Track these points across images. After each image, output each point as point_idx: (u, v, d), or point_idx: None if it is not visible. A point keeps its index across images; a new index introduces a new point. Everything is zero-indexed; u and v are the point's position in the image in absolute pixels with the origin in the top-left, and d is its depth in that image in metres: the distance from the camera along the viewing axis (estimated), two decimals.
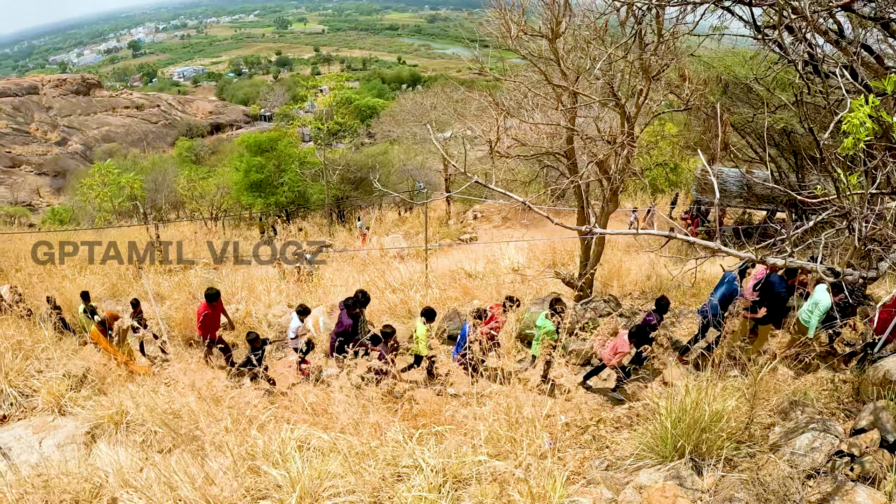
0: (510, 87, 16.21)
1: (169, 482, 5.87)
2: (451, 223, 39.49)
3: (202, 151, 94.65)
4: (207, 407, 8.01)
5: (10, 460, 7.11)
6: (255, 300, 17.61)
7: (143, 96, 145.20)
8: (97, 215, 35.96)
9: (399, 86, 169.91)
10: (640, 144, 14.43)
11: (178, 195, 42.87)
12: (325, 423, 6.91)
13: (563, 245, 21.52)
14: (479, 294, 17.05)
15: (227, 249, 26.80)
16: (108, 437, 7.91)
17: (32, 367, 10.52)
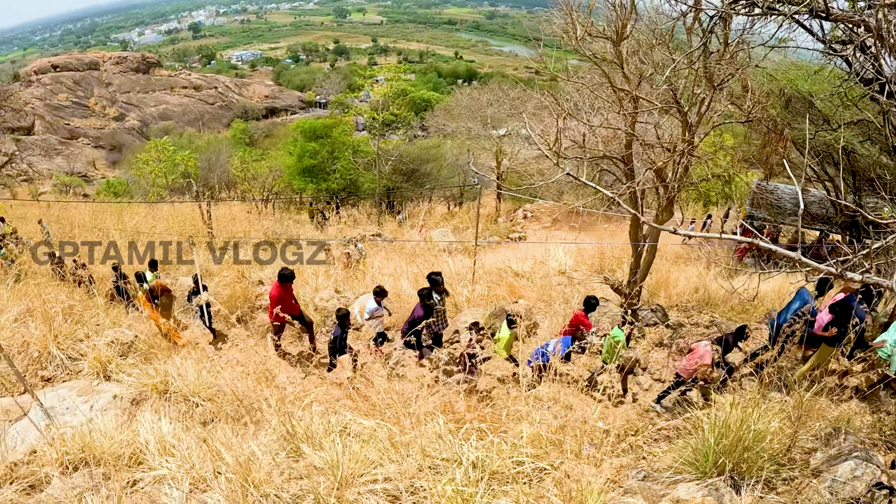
0: (568, 87, 16.23)
1: (210, 454, 5.98)
2: (501, 221, 39.53)
3: (256, 134, 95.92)
4: (253, 384, 8.29)
5: (53, 420, 7.30)
6: (303, 283, 17.83)
7: (201, 77, 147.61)
8: (151, 190, 36.73)
9: (455, 81, 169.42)
10: (699, 154, 14.34)
11: (231, 175, 43.51)
12: (366, 409, 6.95)
13: (611, 250, 21.50)
14: (525, 293, 17.14)
15: (278, 231, 27.16)
16: (150, 405, 8.00)
17: (81, 332, 10.66)
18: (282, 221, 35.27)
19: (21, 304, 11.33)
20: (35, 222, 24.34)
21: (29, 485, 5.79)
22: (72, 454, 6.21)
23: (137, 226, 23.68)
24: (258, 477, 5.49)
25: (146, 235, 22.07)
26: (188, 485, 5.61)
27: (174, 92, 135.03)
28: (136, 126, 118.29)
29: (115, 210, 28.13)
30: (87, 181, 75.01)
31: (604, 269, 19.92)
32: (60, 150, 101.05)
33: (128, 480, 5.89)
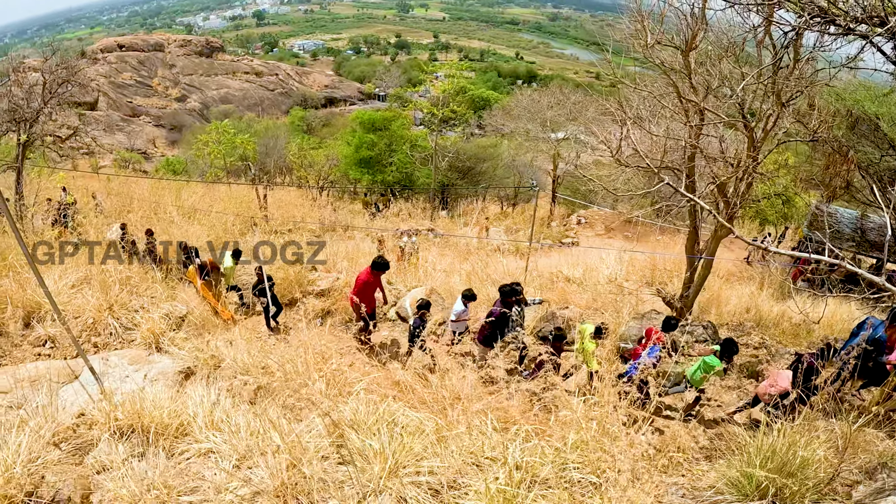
0: (628, 94, 16.05)
1: (257, 432, 6.06)
2: (554, 225, 39.34)
3: (314, 122, 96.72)
4: (303, 366, 8.37)
5: (102, 385, 7.39)
6: (355, 272, 17.98)
7: (263, 64, 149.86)
8: (209, 171, 37.34)
9: (514, 81, 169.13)
10: (762, 171, 14.10)
11: (288, 161, 43.98)
12: (416, 402, 7.00)
13: (663, 263, 21.29)
14: (575, 299, 17.08)
15: (334, 219, 27.40)
16: (199, 379, 8.07)
17: (136, 303, 10.86)
18: (337, 210, 35.60)
19: (79, 271, 11.61)
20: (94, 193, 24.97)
21: (76, 447, 5.90)
22: (120, 420, 6.23)
23: (195, 204, 24.11)
24: (303, 459, 5.54)
25: (203, 214, 22.46)
26: (234, 460, 5.70)
27: (236, 77, 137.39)
28: (197, 108, 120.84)
29: (173, 187, 28.69)
30: (146, 158, 76.76)
31: (655, 281, 19.74)
32: (122, 127, 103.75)
33: (174, 451, 6.00)
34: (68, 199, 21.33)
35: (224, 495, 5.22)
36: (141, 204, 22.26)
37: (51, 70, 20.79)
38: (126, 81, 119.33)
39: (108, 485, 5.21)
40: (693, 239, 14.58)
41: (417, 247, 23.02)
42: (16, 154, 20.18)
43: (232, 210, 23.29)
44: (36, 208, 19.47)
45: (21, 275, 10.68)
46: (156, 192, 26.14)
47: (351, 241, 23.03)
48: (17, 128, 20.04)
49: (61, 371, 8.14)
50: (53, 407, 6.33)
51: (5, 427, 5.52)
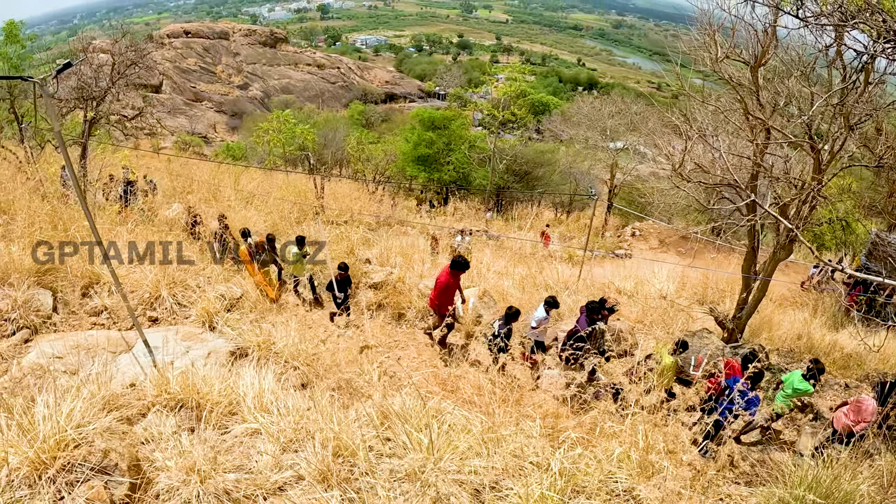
0: (693, 107, 15.76)
1: (305, 415, 6.12)
2: (608, 235, 39.06)
3: (373, 117, 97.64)
4: (355, 357, 8.45)
5: (155, 358, 7.55)
6: (409, 267, 18.06)
7: (325, 57, 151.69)
8: (267, 158, 37.87)
9: (575, 87, 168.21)
10: (824, 195, 13.81)
11: (346, 154, 44.39)
12: (463, 400, 7.01)
13: (716, 282, 21.01)
14: (625, 312, 16.97)
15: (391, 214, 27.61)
16: (250, 361, 8.10)
17: (193, 282, 11.01)
18: (396, 205, 35.92)
19: (140, 247, 11.86)
20: (155, 173, 25.51)
21: (126, 416, 6.01)
22: (171, 394, 6.34)
23: (253, 190, 24.51)
24: (349, 447, 5.60)
25: (260, 200, 22.81)
26: (281, 443, 5.78)
27: (298, 68, 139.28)
28: (259, 96, 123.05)
29: (232, 172, 29.16)
30: (206, 142, 78.27)
31: (706, 300, 19.50)
32: (184, 111, 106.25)
33: (222, 428, 6.10)
34: (130, 176, 21.81)
35: (269, 475, 5.30)
36: (200, 186, 22.66)
37: (120, 52, 21.29)
38: (190, 67, 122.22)
39: (157, 455, 5.31)
40: (750, 259, 14.36)
41: (470, 247, 23.05)
42: (82, 130, 20.70)
43: (289, 198, 23.59)
44: (98, 184, 19.96)
45: (82, 246, 10.94)
46: (215, 175, 26.56)
47: (405, 237, 23.12)
48: (84, 105, 20.57)
49: (115, 341, 8.33)
50: (106, 375, 6.45)
51: (60, 391, 5.67)
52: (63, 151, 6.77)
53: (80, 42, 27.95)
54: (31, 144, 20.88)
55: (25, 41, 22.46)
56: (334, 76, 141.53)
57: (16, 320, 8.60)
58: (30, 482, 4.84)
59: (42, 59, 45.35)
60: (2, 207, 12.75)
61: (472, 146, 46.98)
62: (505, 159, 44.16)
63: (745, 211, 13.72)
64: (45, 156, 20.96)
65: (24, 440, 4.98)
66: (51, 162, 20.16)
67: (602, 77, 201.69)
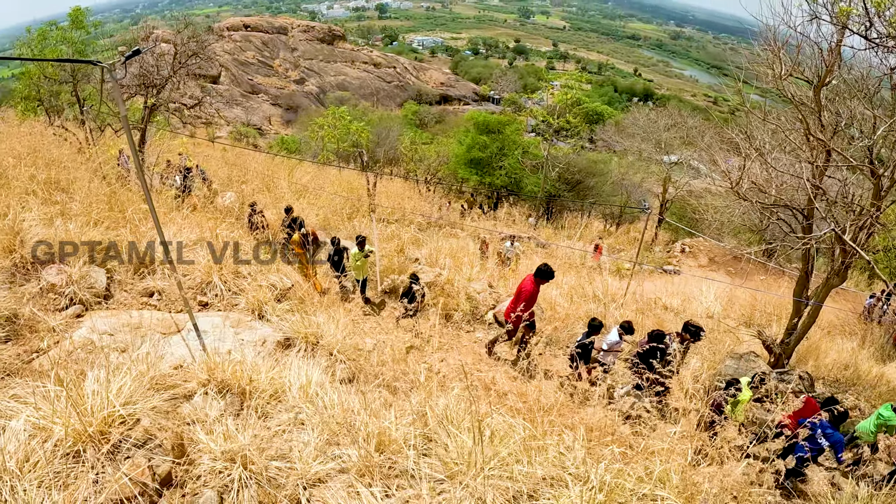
0: (751, 124, 15.41)
1: (350, 409, 6.14)
2: (657, 250, 38.59)
3: (427, 118, 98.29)
4: (400, 356, 8.45)
5: (203, 341, 7.61)
6: (457, 270, 18.07)
7: (382, 56, 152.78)
8: (321, 153, 38.25)
9: (630, 97, 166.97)
10: (883, 222, 13.44)
11: (398, 153, 44.65)
12: (502, 405, 6.95)
13: (763, 304, 20.65)
14: (670, 329, 16.77)
15: (441, 215, 27.74)
16: (296, 352, 8.07)
17: (245, 270, 11.18)
18: (451, 206, 36.04)
19: (194, 233, 12.04)
20: (211, 161, 25.91)
21: (172, 396, 6.09)
22: (217, 378, 6.42)
23: (307, 183, 24.80)
24: (392, 446, 5.63)
25: (313, 193, 23.04)
26: (325, 435, 5.80)
27: (354, 65, 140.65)
28: (314, 91, 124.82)
29: (285, 164, 29.52)
30: (261, 134, 79.47)
31: (754, 322, 19.19)
32: (241, 102, 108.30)
33: (267, 416, 6.14)
34: (188, 163, 22.20)
35: (310, 466, 5.33)
36: (255, 177, 23.00)
37: (182, 42, 21.70)
38: (249, 60, 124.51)
39: (201, 437, 5.36)
40: (803, 284, 14.04)
41: (518, 253, 23.02)
42: (141, 116, 21.13)
43: (341, 193, 23.81)
44: (156, 169, 20.36)
45: (138, 228, 11.15)
46: (269, 167, 26.91)
47: (455, 239, 23.15)
48: (145, 92, 21.01)
49: (165, 323, 8.44)
50: (155, 355, 6.56)
51: (111, 367, 5.76)
52: (128, 136, 6.91)
53: (141, 30, 28.57)
54: (91, 127, 21.34)
55: (90, 27, 22.98)
56: (390, 75, 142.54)
57: (69, 295, 8.78)
58: (74, 453, 4.94)
59: (104, 45, 46.47)
60: (62, 186, 13.02)
61: (526, 152, 46.96)
62: (557, 167, 43.98)
63: (801, 233, 13.43)
64: (104, 138, 21.42)
65: (73, 413, 5.06)
66: (110, 145, 20.60)
67: (658, 88, 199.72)
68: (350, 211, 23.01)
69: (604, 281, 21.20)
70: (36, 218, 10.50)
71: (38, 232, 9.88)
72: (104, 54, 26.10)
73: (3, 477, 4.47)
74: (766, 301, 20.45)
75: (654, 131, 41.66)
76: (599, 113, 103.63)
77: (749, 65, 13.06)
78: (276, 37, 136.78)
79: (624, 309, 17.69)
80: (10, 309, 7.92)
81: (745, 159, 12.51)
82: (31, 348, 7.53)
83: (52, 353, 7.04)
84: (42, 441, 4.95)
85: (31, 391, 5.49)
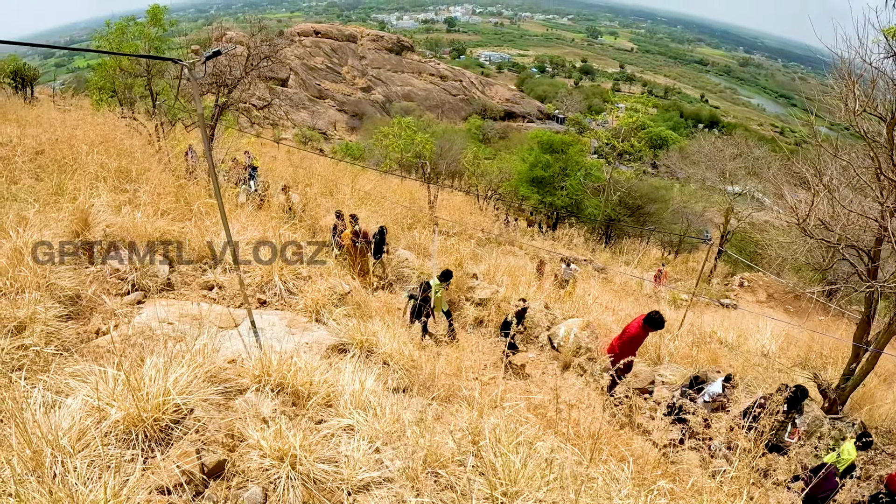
0: (820, 157, 14.92)
1: (401, 420, 6.15)
2: (715, 282, 37.84)
3: (491, 133, 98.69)
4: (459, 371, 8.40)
5: (259, 339, 7.67)
6: (514, 288, 17.97)
7: (449, 69, 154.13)
8: (384, 161, 38.56)
9: (695, 124, 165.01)
10: None
11: (461, 166, 44.78)
12: (559, 432, 6.90)
13: (820, 346, 20.08)
14: (723, 365, 16.41)
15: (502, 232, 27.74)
16: (351, 357, 8.15)
17: (305, 272, 11.21)
18: (508, 225, 36.04)
19: (257, 231, 12.17)
20: (277, 162, 26.33)
21: (226, 390, 6.12)
22: (271, 376, 6.45)
23: (370, 191, 25.03)
24: (440, 460, 5.63)
25: (375, 201, 23.22)
26: (376, 444, 5.78)
27: (421, 77, 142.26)
28: (380, 100, 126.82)
29: (349, 170, 29.81)
30: (325, 138, 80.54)
31: (809, 364, 18.67)
32: (307, 106, 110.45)
33: (318, 418, 6.14)
34: (254, 162, 22.55)
35: (357, 472, 5.31)
36: (319, 180, 23.30)
37: (256, 45, 22.11)
38: (317, 65, 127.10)
39: (252, 433, 5.38)
40: (863, 328, 13.58)
41: (575, 275, 22.86)
42: (212, 114, 21.54)
43: (402, 203, 23.95)
44: (224, 166, 20.74)
45: (202, 222, 11.30)
46: (333, 171, 27.22)
47: (513, 257, 23.12)
48: (217, 91, 21.44)
49: (223, 317, 8.51)
50: (211, 348, 6.60)
51: (169, 355, 5.82)
52: (203, 133, 7.06)
53: (215, 31, 29.18)
54: (162, 120, 21.82)
55: (167, 25, 23.53)
56: (456, 88, 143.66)
57: (132, 281, 8.95)
58: (126, 436, 5.01)
59: (178, 42, 47.76)
60: (131, 176, 13.30)
61: (588, 174, 46.71)
62: (619, 191, 43.67)
63: (865, 275, 13.00)
64: (174, 132, 21.88)
65: (130, 397, 5.12)
66: (179, 139, 21.05)
67: (724, 116, 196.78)
68: (411, 221, 23.09)
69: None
70: (104, 204, 10.81)
71: (105, 218, 10.16)
72: (178, 51, 26.72)
73: (55, 453, 4.51)
74: (823, 343, 19.90)
75: (719, 160, 40.85)
76: (664, 138, 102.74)
77: (820, 97, 12.72)
78: (346, 44, 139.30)
79: (679, 341, 17.39)
80: (73, 289, 8.13)
81: (815, 195, 12.15)
82: (91, 329, 7.70)
83: (111, 335, 7.14)
84: (96, 421, 5.03)
85: (90, 371, 5.58)
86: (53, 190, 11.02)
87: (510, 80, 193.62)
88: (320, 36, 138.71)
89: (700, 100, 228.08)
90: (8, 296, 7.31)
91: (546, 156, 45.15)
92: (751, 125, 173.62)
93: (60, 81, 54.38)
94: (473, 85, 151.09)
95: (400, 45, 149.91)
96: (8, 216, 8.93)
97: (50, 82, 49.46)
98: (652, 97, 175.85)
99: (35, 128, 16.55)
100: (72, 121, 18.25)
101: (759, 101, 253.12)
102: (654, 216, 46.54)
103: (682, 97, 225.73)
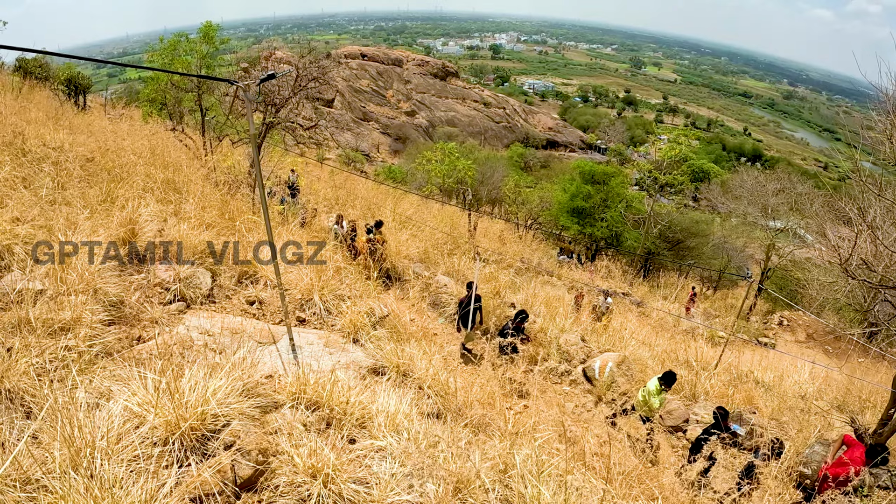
0: (864, 196, 14.59)
1: (434, 445, 6.17)
2: (754, 320, 37.21)
3: (532, 161, 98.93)
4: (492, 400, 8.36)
5: (297, 356, 7.75)
6: (551, 319, 17.88)
7: (492, 96, 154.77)
8: (426, 186, 38.72)
9: (738, 157, 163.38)
10: None
11: (501, 193, 44.83)
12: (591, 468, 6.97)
13: (858, 389, 19.62)
14: (760, 405, 16.13)
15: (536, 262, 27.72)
16: (386, 380, 8.18)
17: (345, 292, 11.30)
18: (539, 252, 35.95)
19: (300, 249, 12.29)
20: (320, 183, 26.61)
21: (262, 404, 6.16)
22: (307, 394, 6.49)
23: (411, 215, 25.15)
24: (470, 488, 5.64)
25: (416, 225, 23.30)
26: (407, 468, 5.78)
27: (465, 103, 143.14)
28: (424, 125, 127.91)
29: (390, 193, 29.98)
30: (368, 160, 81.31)
31: (847, 407, 18.24)
32: (351, 128, 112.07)
33: (351, 438, 6.15)
34: (300, 181, 22.83)
35: (388, 495, 5.31)
36: (361, 202, 23.50)
37: (304, 66, 22.41)
38: (363, 88, 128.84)
39: (287, 448, 5.41)
40: None
41: (612, 309, 22.69)
42: (259, 132, 21.84)
43: (442, 228, 24.01)
44: (269, 183, 21.01)
45: (245, 237, 11.43)
46: (375, 193, 27.44)
47: (552, 287, 23.04)
48: (265, 109, 21.75)
49: (263, 332, 8.59)
50: (250, 362, 6.66)
51: (209, 366, 5.89)
52: (254, 151, 7.25)
53: (264, 50, 29.69)
54: (210, 136, 22.17)
55: (218, 43, 23.97)
56: (499, 115, 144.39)
57: (175, 291, 9.08)
58: (163, 442, 5.09)
59: (228, 60, 48.81)
60: (177, 187, 13.51)
61: (629, 206, 46.46)
62: (660, 224, 43.44)
63: None
64: (220, 148, 22.21)
65: (169, 404, 5.22)
66: (226, 154, 21.32)
67: (767, 149, 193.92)
68: (451, 247, 23.12)
69: (698, 347, 20.61)
70: (151, 214, 11.03)
71: (152, 227, 10.37)
72: (227, 69, 27.32)
73: (94, 453, 4.61)
74: (861, 386, 19.47)
75: (761, 195, 40.24)
76: (705, 171, 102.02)
77: (863, 131, 12.54)
78: (391, 68, 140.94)
79: (715, 379, 17.14)
80: (118, 295, 8.31)
81: (857, 234, 11.92)
82: (132, 335, 7.85)
83: (152, 342, 7.23)
84: (135, 426, 5.15)
85: (131, 377, 5.69)
86: (103, 197, 11.26)
87: (553, 109, 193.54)
88: (367, 59, 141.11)
89: (743, 133, 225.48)
90: (55, 298, 7.46)
91: (587, 186, 45.24)
92: (794, 159, 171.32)
93: (111, 91, 55.69)
94: (517, 112, 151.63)
95: (445, 71, 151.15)
96: (58, 220, 9.12)
97: (102, 91, 50.82)
98: (695, 129, 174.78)
99: (86, 135, 16.96)
100: (121, 131, 18.64)
101: (802, 134, 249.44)
102: (694, 251, 46.05)
103: (725, 129, 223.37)
